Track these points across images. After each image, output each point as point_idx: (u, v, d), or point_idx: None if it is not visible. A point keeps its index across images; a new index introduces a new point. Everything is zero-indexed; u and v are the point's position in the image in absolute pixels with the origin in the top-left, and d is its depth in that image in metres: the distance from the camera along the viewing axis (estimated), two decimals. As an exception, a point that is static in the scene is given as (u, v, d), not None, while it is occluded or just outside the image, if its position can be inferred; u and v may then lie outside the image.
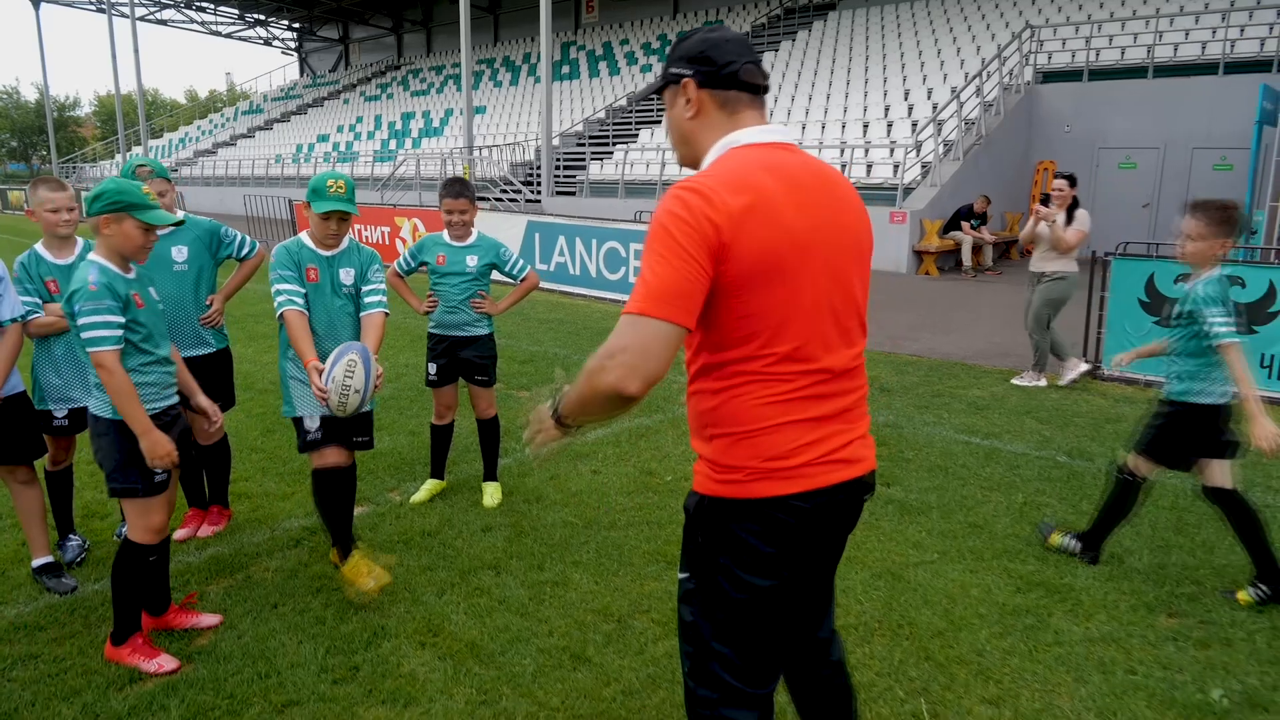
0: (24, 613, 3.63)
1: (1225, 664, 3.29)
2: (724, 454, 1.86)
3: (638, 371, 1.70)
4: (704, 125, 1.95)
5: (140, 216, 3.09)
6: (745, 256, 1.74)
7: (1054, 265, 7.53)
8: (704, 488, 1.92)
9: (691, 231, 1.72)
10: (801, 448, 1.84)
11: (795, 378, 1.84)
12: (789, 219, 1.78)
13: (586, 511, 4.73)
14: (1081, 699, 3.06)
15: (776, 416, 1.83)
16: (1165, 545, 4.34)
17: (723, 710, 1.96)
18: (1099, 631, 3.51)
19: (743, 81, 1.91)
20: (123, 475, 3.15)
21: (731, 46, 1.93)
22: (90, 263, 3.10)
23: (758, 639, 1.94)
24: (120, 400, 3.05)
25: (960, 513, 4.73)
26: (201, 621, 3.53)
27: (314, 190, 3.68)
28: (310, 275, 3.73)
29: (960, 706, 3.02)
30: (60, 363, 3.97)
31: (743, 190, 1.75)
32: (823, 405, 1.87)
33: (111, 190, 3.07)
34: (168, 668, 3.20)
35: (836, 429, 1.90)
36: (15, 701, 3.02)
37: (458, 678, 3.17)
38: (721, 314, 1.80)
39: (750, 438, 1.84)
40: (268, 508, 4.77)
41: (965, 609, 3.68)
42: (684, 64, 1.94)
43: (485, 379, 4.84)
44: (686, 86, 1.93)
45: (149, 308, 3.21)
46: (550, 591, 3.83)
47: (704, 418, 1.91)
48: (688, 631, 2.00)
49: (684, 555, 2.01)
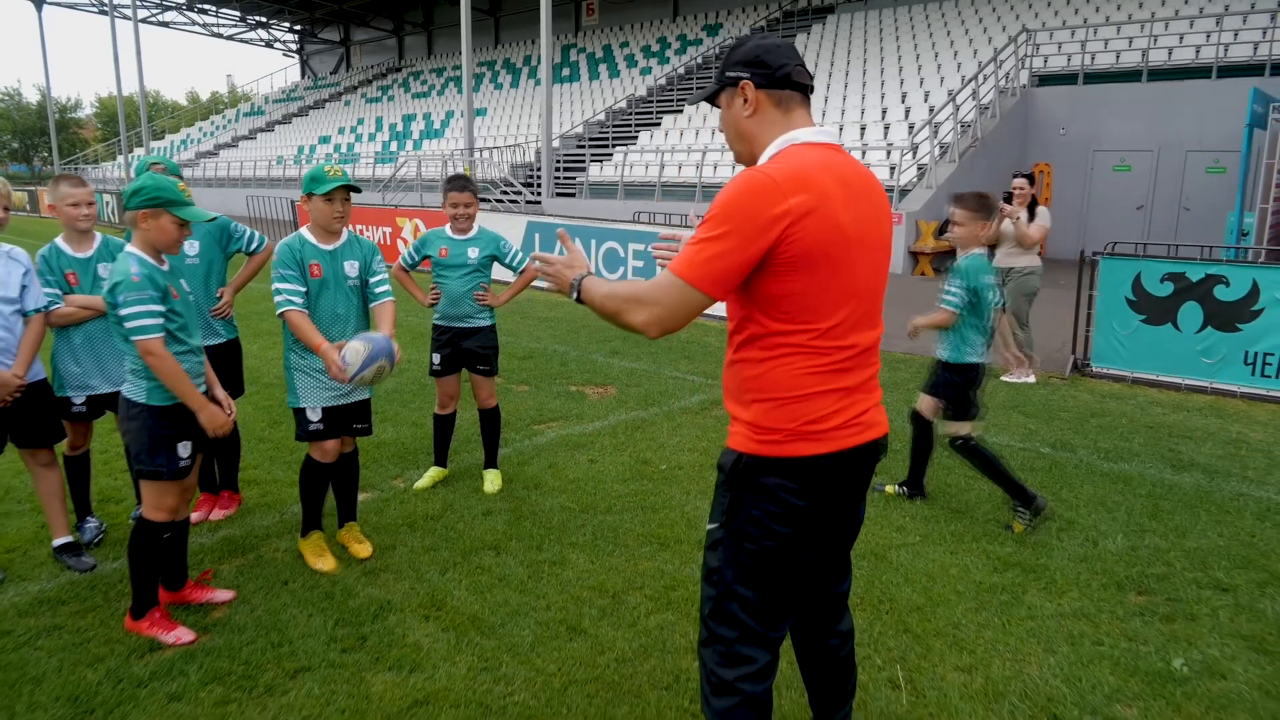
0: (46, 588, 3.81)
1: (1188, 636, 3.47)
2: (764, 417, 2.09)
3: (664, 324, 2.01)
4: (762, 123, 2.14)
5: (176, 212, 3.25)
6: (801, 246, 1.97)
7: (1021, 261, 7.88)
8: (743, 446, 2.13)
9: (756, 215, 1.94)
10: (831, 413, 2.09)
11: (831, 352, 2.07)
12: (839, 216, 2.01)
13: (583, 497, 4.91)
14: (1050, 667, 3.24)
15: (814, 386, 2.07)
16: (1139, 529, 4.52)
17: (738, 647, 2.18)
18: (1070, 607, 3.69)
19: (794, 82, 2.13)
20: (150, 458, 3.31)
21: (783, 51, 2.15)
22: (129, 254, 3.26)
23: (778, 584, 2.16)
24: (173, 383, 3.22)
25: (943, 499, 4.91)
26: (216, 597, 3.71)
27: (313, 178, 3.83)
28: (314, 271, 3.87)
29: (935, 674, 3.20)
30: (79, 351, 4.14)
31: (806, 187, 1.96)
32: (850, 377, 2.12)
33: (150, 186, 3.23)
34: (185, 639, 3.38)
35: (859, 398, 2.15)
36: (43, 667, 3.19)
37: (460, 647, 3.35)
38: (773, 291, 2.02)
39: (790, 404, 2.07)
40: (276, 493, 4.95)
41: (944, 586, 3.86)
42: (740, 68, 2.14)
43: (487, 369, 5.01)
44: (745, 88, 2.13)
45: (183, 299, 3.38)
46: (548, 570, 4.01)
47: (746, 384, 2.13)
48: (712, 575, 2.21)
49: (715, 507, 2.22)
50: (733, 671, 2.19)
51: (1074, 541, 4.36)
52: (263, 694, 3.05)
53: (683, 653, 3.32)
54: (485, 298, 4.95)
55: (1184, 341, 7.58)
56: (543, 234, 13.93)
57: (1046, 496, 4.95)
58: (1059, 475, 5.34)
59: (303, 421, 3.96)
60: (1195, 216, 16.91)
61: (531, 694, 3.06)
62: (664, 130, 22.62)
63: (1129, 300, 7.84)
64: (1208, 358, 7.49)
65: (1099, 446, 5.94)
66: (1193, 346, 7.55)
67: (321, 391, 3.93)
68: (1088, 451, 5.83)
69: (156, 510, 3.37)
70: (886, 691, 3.09)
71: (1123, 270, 7.85)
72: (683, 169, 20.14)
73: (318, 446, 3.99)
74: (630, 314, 2.03)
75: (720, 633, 2.20)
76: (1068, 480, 5.26)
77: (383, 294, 4.04)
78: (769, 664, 2.22)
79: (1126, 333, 7.88)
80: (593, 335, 9.92)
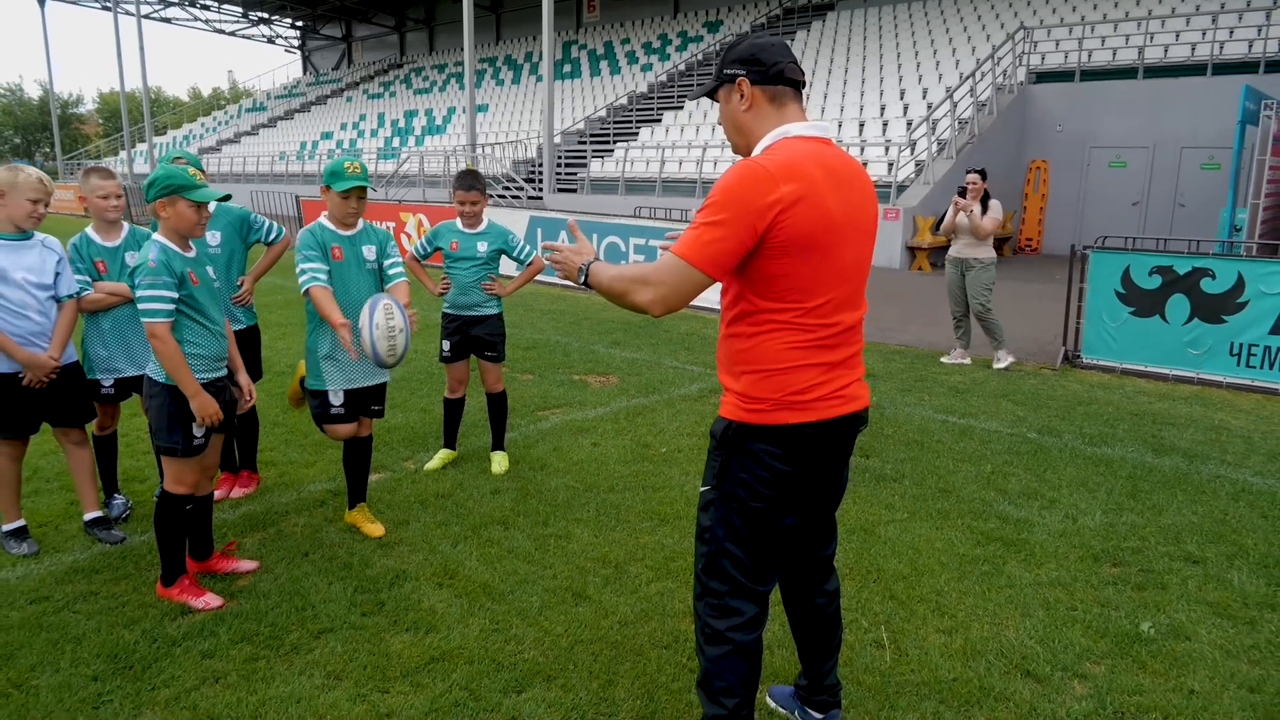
0: (80, 559, 4.03)
1: (1158, 603, 3.69)
2: (752, 388, 2.28)
3: (667, 302, 2.18)
4: (757, 116, 2.32)
5: (190, 196, 3.44)
6: (791, 232, 2.14)
7: (980, 253, 8.21)
8: (732, 414, 2.32)
9: (751, 202, 2.12)
10: (814, 385, 2.28)
11: (816, 329, 2.26)
12: (828, 203, 2.19)
13: (587, 478, 5.12)
14: (1026, 630, 3.45)
15: (798, 359, 2.26)
16: (1118, 508, 4.74)
17: (729, 600, 2.40)
18: (1047, 577, 3.91)
19: (787, 78, 2.30)
20: (167, 434, 3.52)
21: (777, 49, 2.32)
22: (153, 242, 3.47)
23: (764, 542, 2.37)
24: (171, 366, 3.42)
25: (931, 480, 5.12)
26: (241, 566, 3.93)
27: (333, 173, 4.05)
28: (335, 254, 4.10)
29: (918, 635, 3.41)
30: (108, 336, 4.35)
31: (797, 177, 2.14)
32: (834, 353, 2.31)
33: (161, 177, 3.44)
34: (214, 604, 3.59)
35: (842, 373, 2.34)
36: (82, 628, 3.41)
37: (473, 611, 3.56)
38: (764, 272, 2.20)
39: (775, 375, 2.27)
40: (293, 474, 5.16)
41: (929, 558, 4.08)
42: (737, 65, 2.32)
43: (495, 355, 5.24)
44: (741, 84, 2.31)
45: (204, 284, 3.57)
46: (554, 543, 4.23)
47: (736, 357, 2.33)
48: (704, 534, 2.42)
49: (708, 471, 2.41)
50: (724, 622, 2.41)
51: (1055, 518, 4.57)
52: (289, 652, 3.27)
53: (682, 616, 3.54)
54: (493, 287, 5.18)
55: (1171, 333, 7.79)
56: (545, 229, 14.13)
57: (1031, 478, 5.17)
58: (1044, 458, 5.56)
59: (325, 405, 4.17)
60: (1190, 212, 17.11)
61: (540, 652, 3.27)
62: (665, 126, 22.83)
63: (1118, 293, 8.04)
64: (1194, 349, 7.70)
65: (1084, 432, 6.16)
66: (1180, 338, 7.76)
67: (344, 374, 4.14)
68: (1073, 437, 6.04)
69: (177, 484, 3.58)
70: (872, 650, 3.30)
71: (1112, 264, 8.06)
72: (683, 165, 20.34)
73: (332, 430, 4.20)
74: (636, 293, 2.19)
75: (712, 586, 2.42)
76: (1052, 463, 5.47)
77: (396, 274, 4.31)
78: (757, 615, 2.43)
79: (1116, 324, 8.09)
80: (595, 327, 10.14)
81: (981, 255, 8.22)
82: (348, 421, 4.21)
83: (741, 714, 2.44)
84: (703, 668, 2.47)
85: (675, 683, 3.08)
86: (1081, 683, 3.11)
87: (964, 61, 19.77)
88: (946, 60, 20.26)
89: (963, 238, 8.26)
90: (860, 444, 5.75)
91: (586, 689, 3.05)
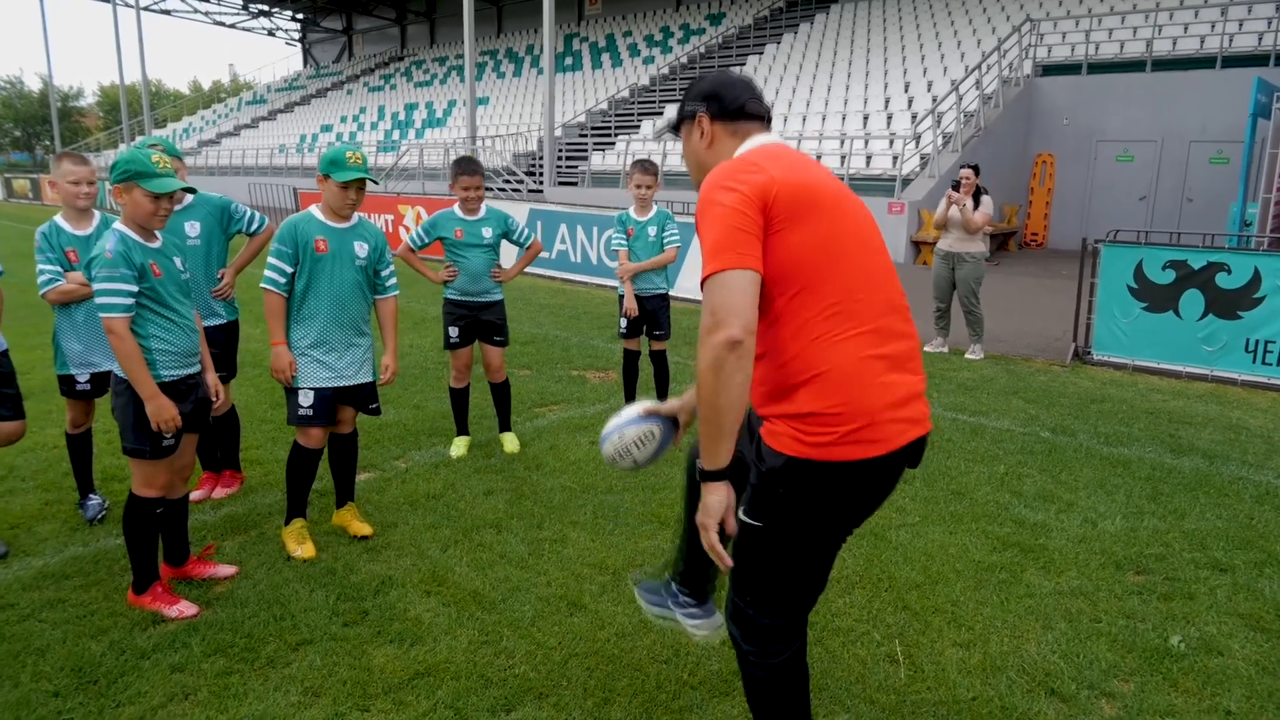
0: (50, 563, 3.83)
1: (1186, 614, 3.48)
2: (813, 401, 1.97)
3: (733, 324, 1.87)
4: (717, 154, 2.21)
5: (146, 185, 3.18)
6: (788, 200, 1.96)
7: (971, 248, 8.19)
8: (791, 449, 2.00)
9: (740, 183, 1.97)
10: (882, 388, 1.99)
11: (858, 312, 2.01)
12: (810, 174, 2.05)
13: (584, 478, 4.92)
14: (1047, 644, 3.25)
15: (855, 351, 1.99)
16: (1138, 511, 4.53)
17: (776, 624, 2.16)
18: (1068, 586, 3.71)
19: (749, 113, 2.20)
20: (134, 436, 3.30)
21: (739, 86, 2.22)
22: (112, 231, 3.24)
23: (821, 560, 2.16)
24: (127, 364, 3.20)
25: (943, 481, 4.92)
26: (219, 571, 3.73)
27: (333, 161, 3.81)
28: (319, 247, 3.84)
29: (933, 649, 3.21)
30: (81, 329, 4.15)
31: (770, 156, 2.04)
32: (890, 343, 2.04)
33: (121, 161, 3.21)
34: (188, 613, 3.39)
35: (906, 377, 2.05)
36: (47, 639, 3.21)
37: (461, 621, 3.37)
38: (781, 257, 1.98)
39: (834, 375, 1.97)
40: (278, 473, 4.94)
41: (942, 565, 3.87)
42: (698, 101, 2.24)
43: (501, 339, 5.26)
44: (701, 120, 2.23)
45: (168, 276, 3.32)
46: (549, 548, 4.03)
47: (783, 370, 2.03)
48: (745, 564, 2.13)
49: (750, 496, 2.10)
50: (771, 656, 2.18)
51: (1073, 522, 4.37)
52: (265, 665, 3.07)
53: (682, 628, 3.34)
54: (497, 274, 5.16)
55: (1185, 329, 7.58)
56: (545, 221, 13.93)
57: (1047, 480, 4.97)
58: (1059, 459, 5.35)
59: (293, 405, 3.91)
60: (1198, 207, 16.88)
61: (532, 666, 3.08)
62: (666, 120, 22.55)
63: (1130, 288, 7.83)
64: (1209, 345, 7.49)
65: (1099, 431, 5.95)
66: (1194, 334, 7.55)
67: (317, 372, 3.90)
68: (1088, 436, 5.84)
69: (146, 487, 3.37)
70: (885, 666, 3.10)
71: (1125, 258, 7.85)
72: (685, 158, 20.09)
73: (304, 433, 3.94)
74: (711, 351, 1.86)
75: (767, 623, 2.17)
76: (1067, 463, 5.27)
77: (390, 287, 4.14)
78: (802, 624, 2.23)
79: (1128, 320, 7.88)
80: (594, 321, 9.93)
81: (973, 250, 8.21)
82: (317, 424, 3.93)
83: None
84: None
85: (675, 701, 2.89)
86: (1110, 702, 2.91)
87: (969, 54, 19.51)
88: (952, 53, 20.00)
89: (954, 232, 8.24)
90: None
91: (580, 708, 2.85)
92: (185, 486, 3.66)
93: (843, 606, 3.50)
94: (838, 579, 3.73)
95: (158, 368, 3.32)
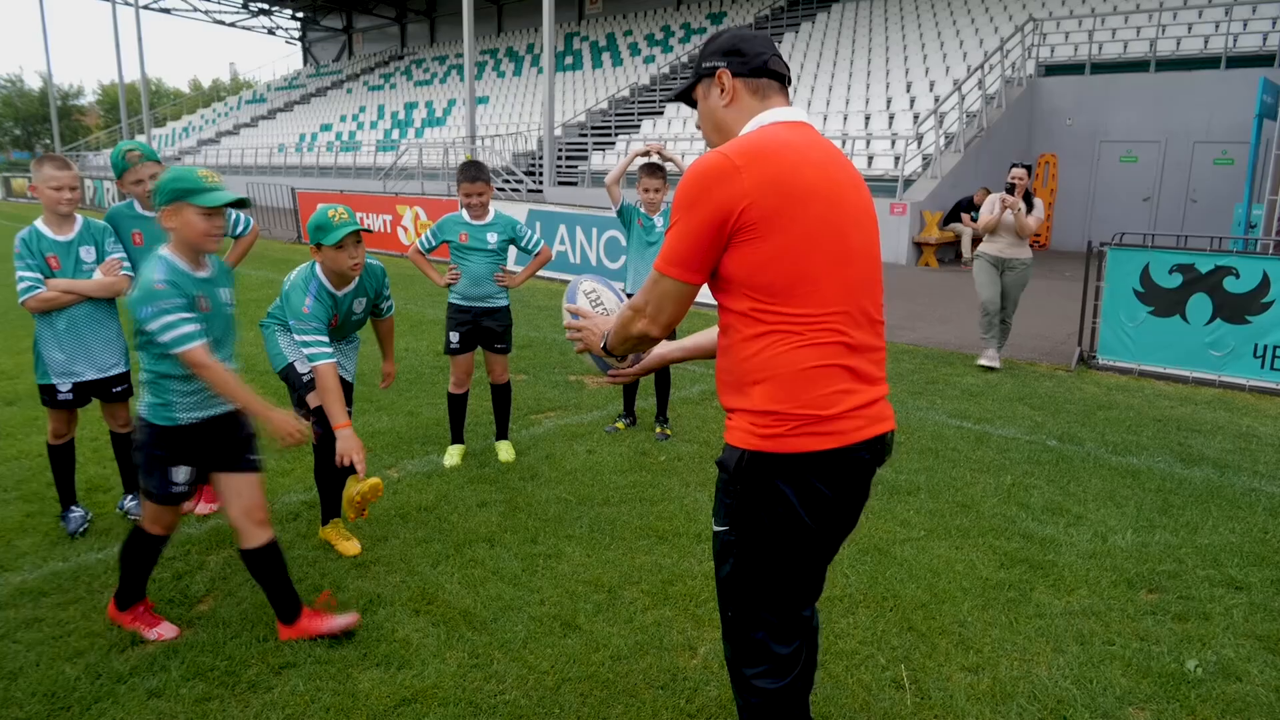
0: (28, 579, 3.71)
1: (1202, 636, 3.36)
2: (768, 400, 1.95)
3: (656, 318, 2.05)
4: (738, 111, 2.11)
5: (197, 201, 2.88)
6: (765, 210, 1.88)
7: (1022, 253, 7.88)
8: (745, 442, 1.98)
9: (710, 195, 1.89)
10: (838, 395, 1.94)
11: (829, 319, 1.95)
12: (806, 177, 1.91)
13: (580, 489, 4.80)
14: (1059, 668, 3.13)
15: (817, 358, 1.93)
16: (1150, 525, 4.41)
17: (773, 647, 2.07)
18: (1079, 605, 3.59)
19: (771, 70, 2.10)
20: (145, 476, 3.14)
21: (759, 41, 2.12)
22: (158, 258, 2.94)
23: (800, 571, 2.05)
24: (227, 391, 2.95)
25: (948, 493, 4.80)
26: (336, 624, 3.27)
27: (319, 227, 3.60)
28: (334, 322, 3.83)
29: (940, 674, 3.09)
30: (63, 338, 4.03)
31: (762, 156, 1.90)
32: (855, 356, 1.98)
33: (165, 181, 2.90)
34: (168, 635, 3.27)
35: (866, 385, 2.00)
36: (20, 662, 3.10)
37: (450, 643, 3.24)
38: (753, 259, 1.92)
39: (794, 379, 1.94)
40: (268, 483, 4.80)
41: (949, 583, 3.75)
42: (718, 57, 2.11)
43: (504, 346, 5.19)
44: (721, 77, 2.10)
45: (216, 312, 3.08)
46: (543, 563, 3.91)
47: (744, 366, 2.00)
48: (727, 588, 2.09)
49: (719, 507, 2.07)
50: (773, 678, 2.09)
51: (1083, 537, 4.25)
52: (245, 690, 2.96)
53: (679, 650, 3.22)
54: (504, 279, 5.08)
55: (1192, 334, 7.46)
56: (544, 222, 13.81)
57: (1055, 491, 4.86)
58: (1066, 469, 5.23)
59: (296, 378, 3.93)
60: (1202, 208, 16.75)
61: (523, 692, 2.96)
62: (667, 119, 22.45)
63: (1137, 292, 7.70)
64: (1217, 350, 7.37)
65: (1107, 439, 5.83)
66: (1201, 339, 7.42)
67: None
68: (1095, 445, 5.72)
69: (154, 524, 3.21)
70: (891, 692, 2.98)
71: (1131, 261, 7.72)
72: (686, 158, 19.98)
73: None
74: (632, 325, 2.08)
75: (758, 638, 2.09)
76: (1075, 474, 5.14)
77: (388, 309, 4.18)
78: (798, 649, 2.12)
79: (1134, 325, 7.76)
80: (593, 325, 9.80)
81: (1023, 255, 7.90)
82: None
83: None
84: None
85: (672, 730, 2.77)
86: (1125, 732, 2.79)
87: (972, 54, 19.37)
88: (954, 53, 19.86)
89: (1004, 236, 7.87)
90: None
91: (573, 737, 2.73)
92: (267, 529, 3.20)
93: (846, 628, 3.38)
94: (841, 597, 3.61)
95: (174, 410, 3.06)
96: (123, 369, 4.23)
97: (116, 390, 4.23)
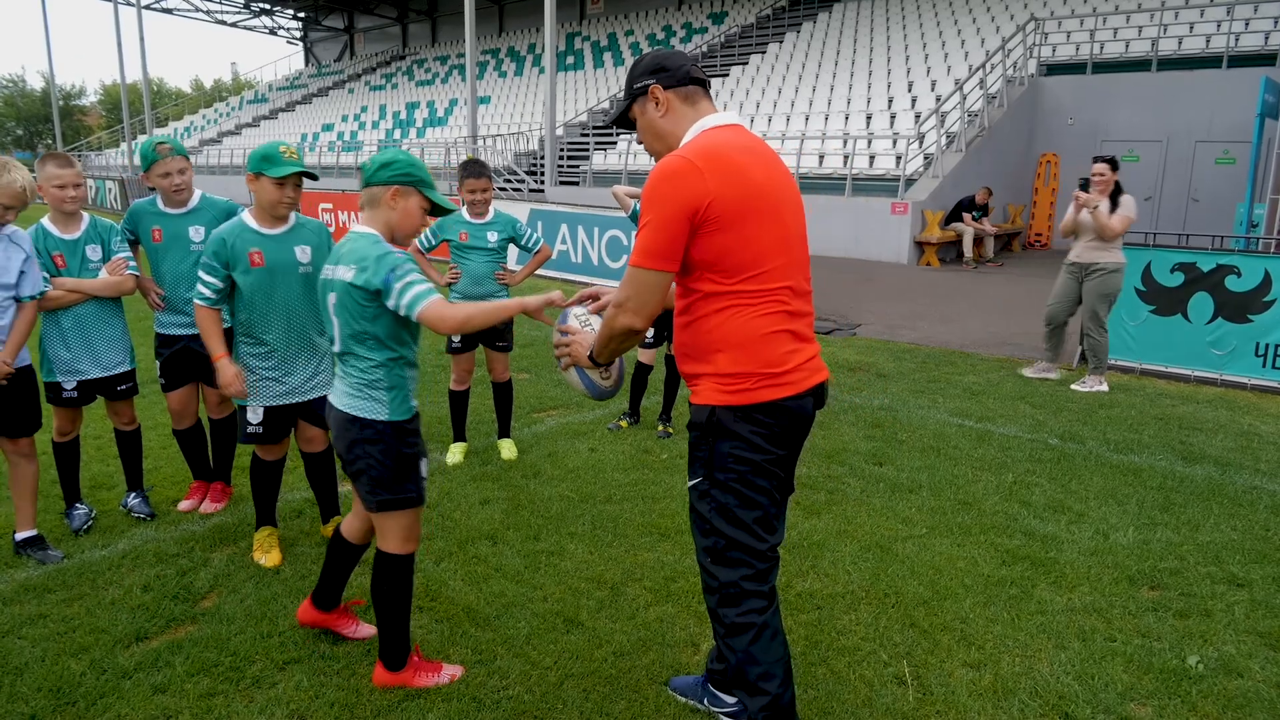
0: (33, 576, 3.72)
1: (1203, 633, 3.37)
2: (731, 364, 2.31)
3: (638, 310, 2.30)
4: (675, 118, 2.44)
5: (430, 195, 2.81)
6: (724, 207, 2.21)
7: (1104, 256, 7.18)
8: (712, 399, 2.33)
9: (679, 193, 2.21)
10: (789, 354, 2.33)
11: (776, 295, 2.32)
12: (754, 176, 2.27)
13: (583, 486, 4.81)
14: (1060, 664, 3.14)
15: (770, 326, 2.31)
16: (1151, 523, 4.42)
17: (743, 583, 2.39)
18: (1081, 602, 3.59)
19: (694, 78, 2.44)
20: (398, 486, 2.80)
21: (678, 55, 2.46)
22: (365, 234, 2.77)
23: (763, 514, 2.38)
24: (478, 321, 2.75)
25: (950, 490, 4.80)
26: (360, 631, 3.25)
27: (265, 158, 3.46)
28: (254, 260, 3.54)
29: (942, 670, 3.10)
30: (69, 336, 4.05)
31: (718, 159, 2.23)
32: (797, 321, 2.37)
33: (404, 161, 2.78)
34: (458, 675, 3.01)
35: (806, 345, 2.40)
36: (25, 658, 3.11)
37: (454, 639, 3.26)
38: (713, 249, 2.25)
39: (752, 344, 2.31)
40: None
41: (950, 580, 3.76)
42: (647, 76, 2.44)
43: (505, 344, 5.19)
44: (654, 92, 2.42)
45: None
46: (545, 561, 3.92)
47: (706, 338, 2.35)
48: (703, 526, 2.41)
49: (694, 464, 2.41)
50: (741, 609, 2.39)
51: (1084, 534, 4.25)
52: (250, 686, 2.97)
53: (683, 646, 3.23)
54: (504, 277, 5.09)
55: (1194, 332, 7.47)
56: (545, 221, 13.82)
57: (1056, 489, 4.86)
58: (1068, 467, 5.24)
59: (241, 422, 3.74)
60: (1204, 208, 16.75)
61: (526, 688, 2.97)
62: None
63: (1138, 290, 7.71)
64: (1218, 349, 7.38)
65: (1108, 438, 5.84)
66: (1203, 338, 7.43)
67: (268, 388, 3.70)
68: (1097, 443, 5.72)
69: (407, 541, 2.86)
70: (893, 688, 2.99)
71: (1133, 260, 7.71)
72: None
73: (261, 450, 3.81)
74: (616, 320, 2.33)
75: (725, 577, 2.40)
76: (1077, 472, 5.15)
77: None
78: (769, 592, 2.43)
79: (1135, 323, 7.76)
80: (595, 324, 9.81)
81: (1107, 260, 7.14)
82: (269, 441, 3.77)
83: (785, 698, 2.41)
84: (733, 666, 2.43)
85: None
86: (1127, 728, 2.80)
87: (973, 53, 19.36)
88: (955, 52, 19.85)
89: (1085, 238, 7.24)
90: (875, 451, 5.44)
91: (576, 733, 2.75)
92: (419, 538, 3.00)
93: (848, 624, 3.39)
94: (843, 594, 3.62)
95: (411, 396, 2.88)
96: (128, 367, 4.25)
97: (121, 389, 4.24)
